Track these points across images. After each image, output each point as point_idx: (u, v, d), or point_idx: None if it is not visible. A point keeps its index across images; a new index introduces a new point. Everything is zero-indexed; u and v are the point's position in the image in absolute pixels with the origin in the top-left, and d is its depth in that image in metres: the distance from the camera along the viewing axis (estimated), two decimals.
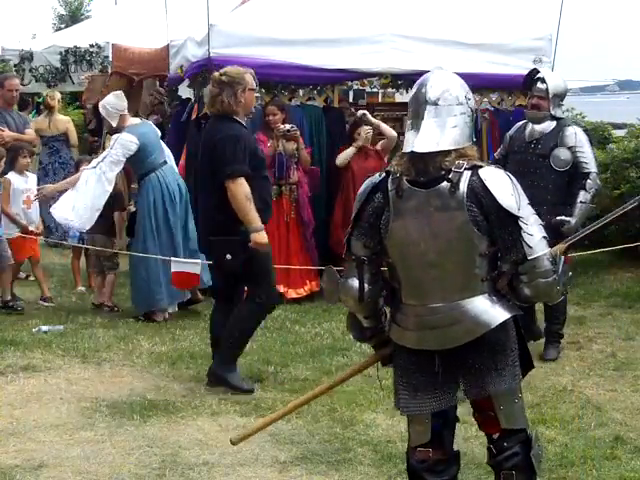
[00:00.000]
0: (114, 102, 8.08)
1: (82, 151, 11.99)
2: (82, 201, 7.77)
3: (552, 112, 6.81)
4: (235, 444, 4.43)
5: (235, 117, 6.06)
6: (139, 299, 8.08)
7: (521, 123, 7.08)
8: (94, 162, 7.97)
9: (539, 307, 6.94)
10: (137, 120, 8.42)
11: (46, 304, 8.49)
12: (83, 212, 7.77)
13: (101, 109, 8.18)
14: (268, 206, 6.28)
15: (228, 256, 6.02)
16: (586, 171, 6.71)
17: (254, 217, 5.97)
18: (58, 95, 11.84)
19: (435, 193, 3.58)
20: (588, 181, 6.71)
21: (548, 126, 6.82)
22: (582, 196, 6.72)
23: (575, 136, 6.75)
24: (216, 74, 6.15)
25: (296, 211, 8.63)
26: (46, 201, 8.83)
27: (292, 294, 8.62)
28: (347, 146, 8.88)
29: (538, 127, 6.85)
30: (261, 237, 6.00)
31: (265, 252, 6.11)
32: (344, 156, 8.84)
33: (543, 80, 6.82)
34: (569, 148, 6.72)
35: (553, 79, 6.92)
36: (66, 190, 8.04)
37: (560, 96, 6.88)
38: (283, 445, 5.15)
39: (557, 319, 6.93)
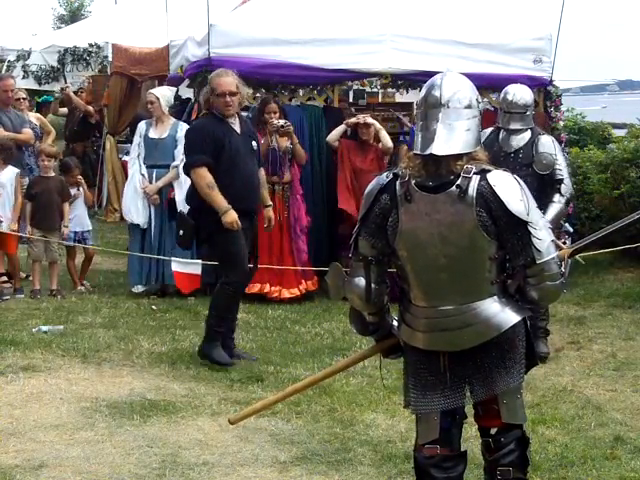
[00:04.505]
0: (169, 96, 8.84)
1: (66, 154, 11.99)
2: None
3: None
4: (233, 424, 4.51)
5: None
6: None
7: (491, 132, 7.18)
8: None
9: None
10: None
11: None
12: None
13: (159, 96, 8.69)
14: (249, 192, 6.69)
15: (180, 232, 6.69)
16: (559, 177, 7.02)
17: (219, 202, 6.42)
18: None
19: (444, 198, 3.58)
20: (562, 185, 7.02)
21: (526, 136, 7.04)
22: (556, 198, 7.02)
23: (552, 144, 7.05)
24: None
25: (289, 211, 8.61)
26: None
27: (285, 294, 8.60)
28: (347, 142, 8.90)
29: (516, 137, 7.05)
30: (229, 217, 6.42)
31: (232, 235, 6.47)
32: (335, 133, 8.84)
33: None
34: (549, 154, 7.00)
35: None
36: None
37: (531, 106, 7.15)
38: (283, 445, 5.15)
39: (543, 315, 6.93)
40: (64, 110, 13.35)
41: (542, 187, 6.92)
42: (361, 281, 3.82)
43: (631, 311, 8.30)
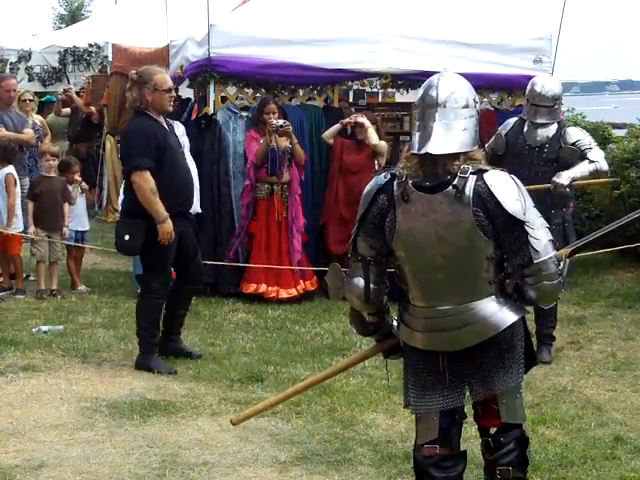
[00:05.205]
0: None
1: (69, 155, 11.96)
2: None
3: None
4: (235, 424, 4.52)
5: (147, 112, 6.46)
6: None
7: (515, 122, 6.96)
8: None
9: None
10: None
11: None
12: None
13: None
14: (189, 192, 6.68)
15: (126, 237, 6.42)
16: (588, 149, 6.70)
17: (158, 209, 6.32)
18: None
19: (441, 198, 3.58)
20: (591, 152, 6.67)
21: (552, 129, 6.78)
22: (583, 162, 6.65)
23: (580, 131, 6.84)
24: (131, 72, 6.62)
25: (288, 211, 8.61)
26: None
27: (283, 294, 8.60)
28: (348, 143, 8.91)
29: (542, 130, 6.79)
30: (167, 226, 6.35)
31: (168, 244, 6.39)
32: (331, 131, 8.86)
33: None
34: (572, 144, 6.71)
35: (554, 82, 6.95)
36: None
37: (560, 99, 6.88)
38: (283, 445, 5.15)
39: (550, 322, 6.83)
40: (67, 110, 13.36)
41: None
42: (360, 281, 3.83)
43: (631, 311, 8.30)
